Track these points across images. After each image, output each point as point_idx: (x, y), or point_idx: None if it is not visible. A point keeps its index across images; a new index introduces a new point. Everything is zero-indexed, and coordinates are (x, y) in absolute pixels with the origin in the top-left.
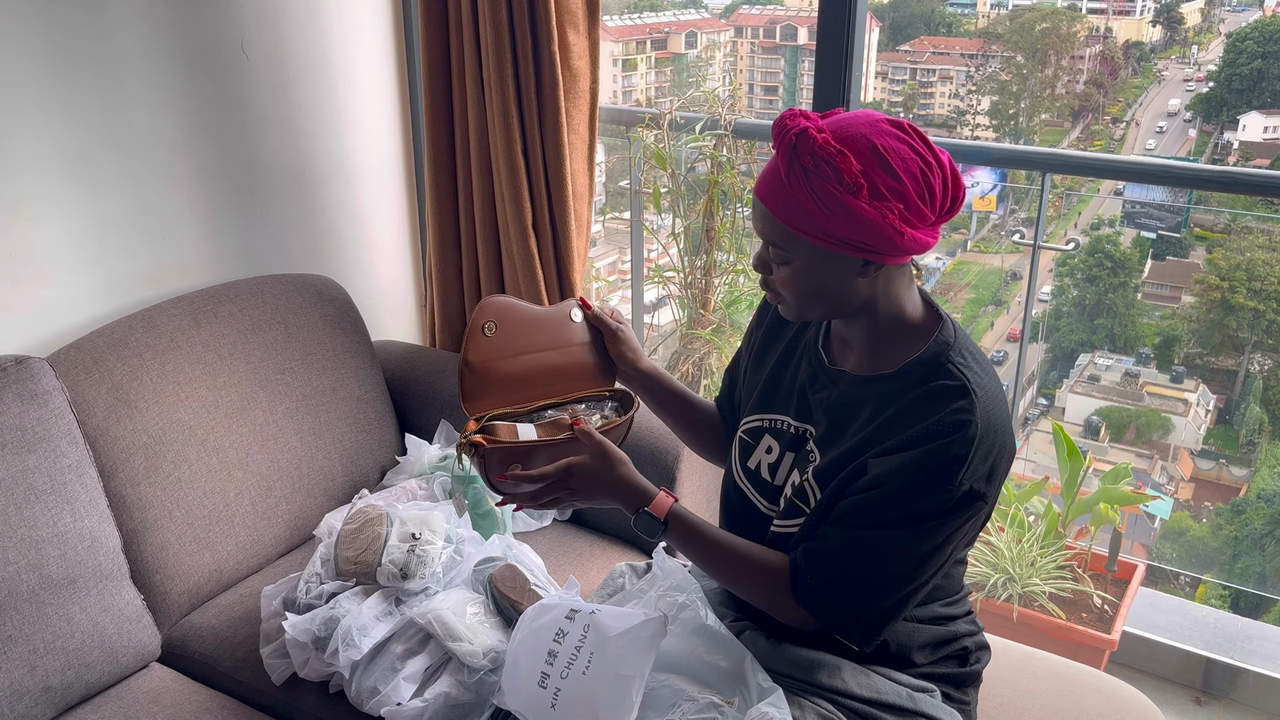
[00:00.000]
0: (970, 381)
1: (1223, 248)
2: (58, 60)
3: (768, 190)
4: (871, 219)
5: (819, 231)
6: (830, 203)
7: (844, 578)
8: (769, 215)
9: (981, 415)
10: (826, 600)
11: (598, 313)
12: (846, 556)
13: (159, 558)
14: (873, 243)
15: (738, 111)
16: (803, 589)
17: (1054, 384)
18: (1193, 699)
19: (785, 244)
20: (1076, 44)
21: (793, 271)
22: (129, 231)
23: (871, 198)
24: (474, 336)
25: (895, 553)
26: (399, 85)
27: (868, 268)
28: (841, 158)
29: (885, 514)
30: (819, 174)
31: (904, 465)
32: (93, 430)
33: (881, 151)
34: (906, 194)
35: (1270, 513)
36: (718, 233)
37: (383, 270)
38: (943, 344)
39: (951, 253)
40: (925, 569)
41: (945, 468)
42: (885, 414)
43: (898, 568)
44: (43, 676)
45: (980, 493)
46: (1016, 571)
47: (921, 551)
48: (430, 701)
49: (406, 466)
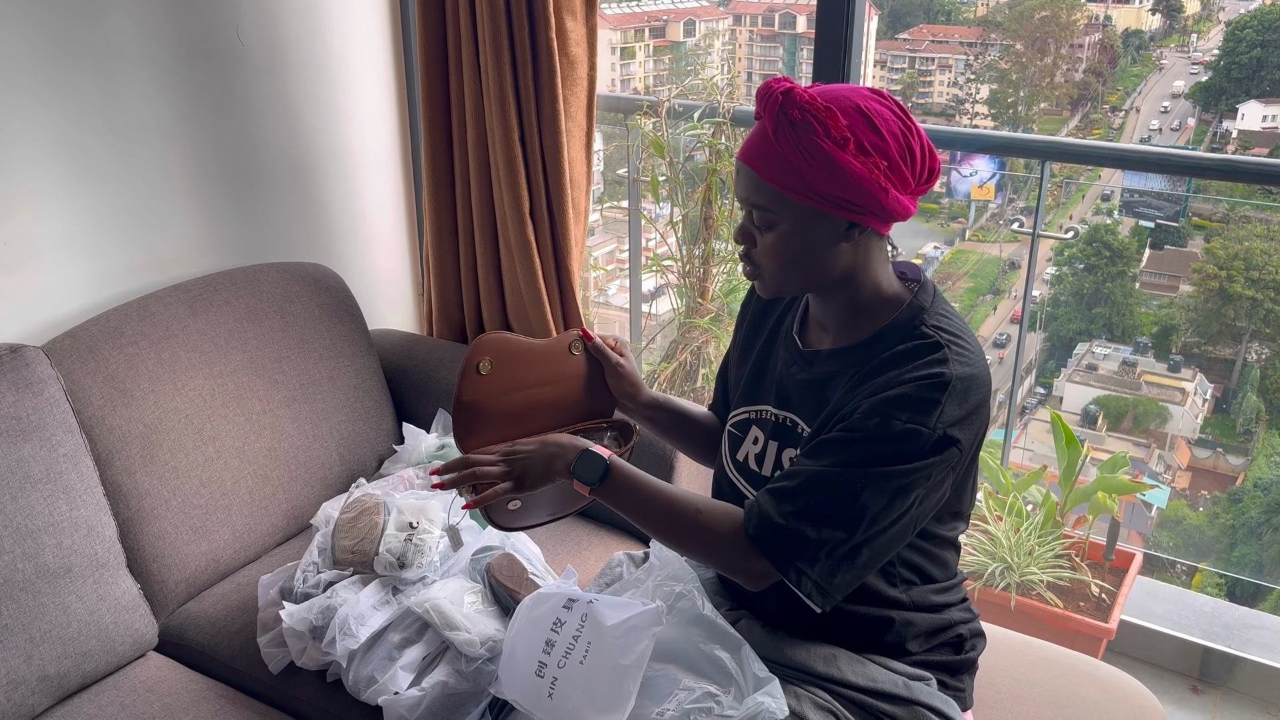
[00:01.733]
0: (942, 338)
1: (1221, 237)
2: (53, 45)
3: (754, 153)
4: (858, 173)
5: (806, 189)
6: (819, 156)
7: (801, 514)
8: (755, 177)
9: (955, 365)
10: (780, 540)
11: (599, 344)
12: (805, 491)
13: (156, 547)
14: (860, 200)
15: (736, 99)
16: (756, 527)
17: (1052, 373)
18: (1190, 688)
19: (771, 205)
20: (1076, 32)
21: (778, 236)
22: (124, 219)
23: (858, 152)
24: (468, 376)
25: (856, 488)
26: (396, 72)
27: (852, 230)
28: (829, 113)
29: (854, 451)
30: (806, 128)
31: (873, 408)
32: (88, 419)
33: (866, 111)
34: (890, 152)
35: (1267, 501)
36: (716, 221)
37: (379, 259)
38: (917, 308)
39: (950, 242)
40: (890, 513)
41: (915, 411)
42: (859, 374)
43: (859, 507)
44: (39, 666)
45: (954, 439)
46: (1014, 560)
47: (887, 490)
48: (427, 691)
49: (404, 455)
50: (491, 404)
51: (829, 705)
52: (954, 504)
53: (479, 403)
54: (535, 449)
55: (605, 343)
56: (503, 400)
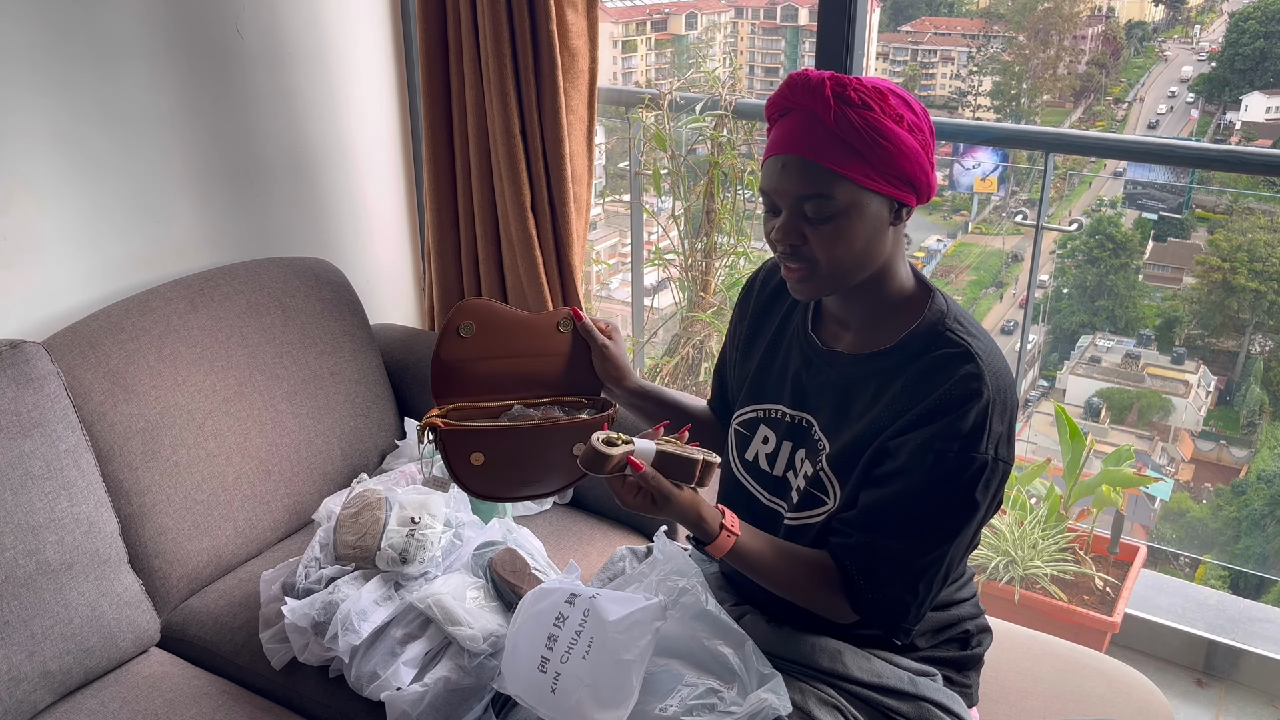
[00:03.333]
0: (972, 346)
1: (1224, 229)
2: (52, 37)
3: (803, 142)
4: (913, 147)
5: (866, 169)
6: (883, 132)
7: (904, 589)
8: (811, 164)
9: (990, 379)
10: (888, 612)
11: (588, 325)
12: (900, 564)
13: (157, 542)
14: (913, 175)
15: (738, 92)
16: (864, 606)
17: (1055, 365)
18: (1194, 681)
19: (832, 191)
20: (1079, 24)
21: (836, 225)
22: (124, 214)
23: (910, 129)
24: (448, 335)
25: (939, 545)
26: (396, 65)
27: (901, 211)
28: (878, 94)
29: (920, 505)
30: (865, 106)
31: (925, 444)
32: (89, 415)
33: (899, 93)
34: (925, 131)
35: (1270, 494)
36: (718, 215)
37: (381, 253)
38: (938, 313)
39: (953, 234)
40: (961, 544)
41: (967, 441)
42: (892, 390)
43: (943, 558)
44: (41, 662)
45: (1002, 457)
46: (1018, 554)
47: (959, 533)
48: (430, 686)
49: (406, 450)
50: (469, 368)
51: (834, 701)
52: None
53: (456, 364)
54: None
55: (595, 325)
56: (481, 365)
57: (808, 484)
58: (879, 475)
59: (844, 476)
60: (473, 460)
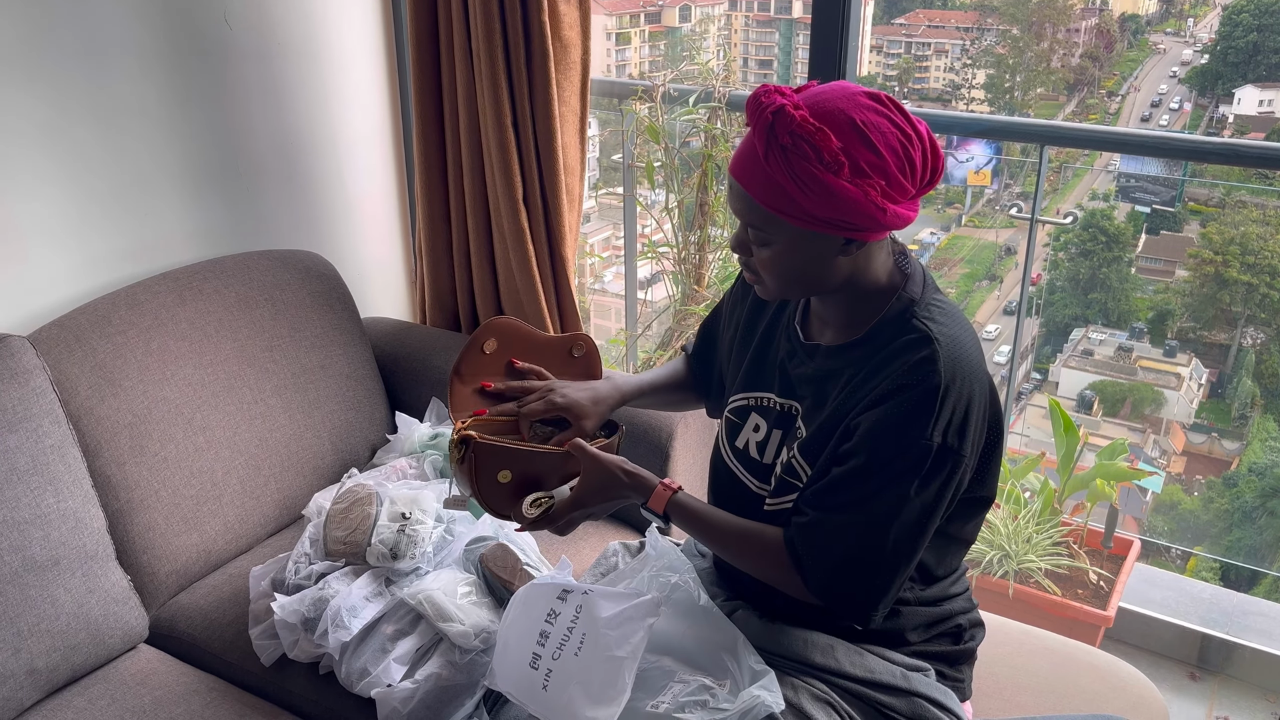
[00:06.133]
0: (933, 331)
1: (1216, 222)
2: (37, 30)
3: (744, 171)
4: (854, 197)
5: (800, 213)
6: (811, 183)
7: (843, 563)
8: (747, 197)
9: (945, 363)
10: (829, 584)
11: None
12: (849, 543)
13: (145, 538)
14: (855, 221)
15: (732, 84)
16: (814, 583)
17: (1048, 358)
18: (1188, 674)
19: (765, 226)
20: (1072, 17)
21: (773, 254)
22: (112, 206)
23: (853, 175)
24: (472, 351)
25: (886, 526)
26: (386, 56)
27: (849, 246)
28: (821, 135)
29: (869, 484)
30: (798, 153)
31: (875, 424)
32: (76, 409)
33: (861, 127)
34: (888, 169)
35: (1261, 486)
36: (711, 207)
37: (371, 246)
38: (907, 300)
39: (946, 227)
40: (917, 540)
41: (913, 419)
42: (859, 376)
43: (889, 542)
44: (28, 659)
45: (953, 448)
46: (1012, 548)
47: (908, 520)
48: (421, 683)
49: (397, 445)
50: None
51: (826, 696)
52: (978, 489)
53: (473, 378)
54: (602, 489)
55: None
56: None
57: (783, 470)
58: (839, 455)
59: (812, 461)
60: (500, 478)
